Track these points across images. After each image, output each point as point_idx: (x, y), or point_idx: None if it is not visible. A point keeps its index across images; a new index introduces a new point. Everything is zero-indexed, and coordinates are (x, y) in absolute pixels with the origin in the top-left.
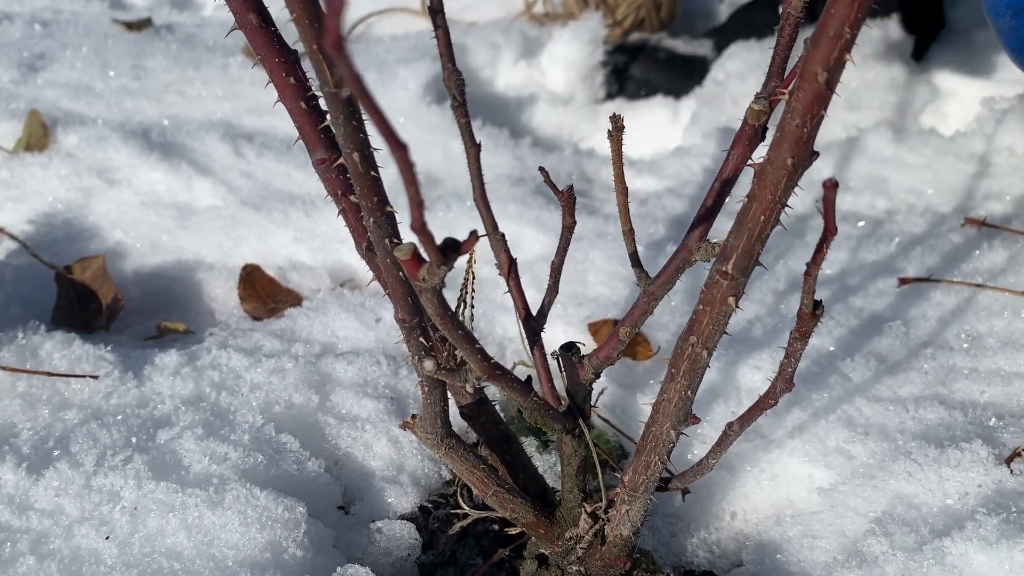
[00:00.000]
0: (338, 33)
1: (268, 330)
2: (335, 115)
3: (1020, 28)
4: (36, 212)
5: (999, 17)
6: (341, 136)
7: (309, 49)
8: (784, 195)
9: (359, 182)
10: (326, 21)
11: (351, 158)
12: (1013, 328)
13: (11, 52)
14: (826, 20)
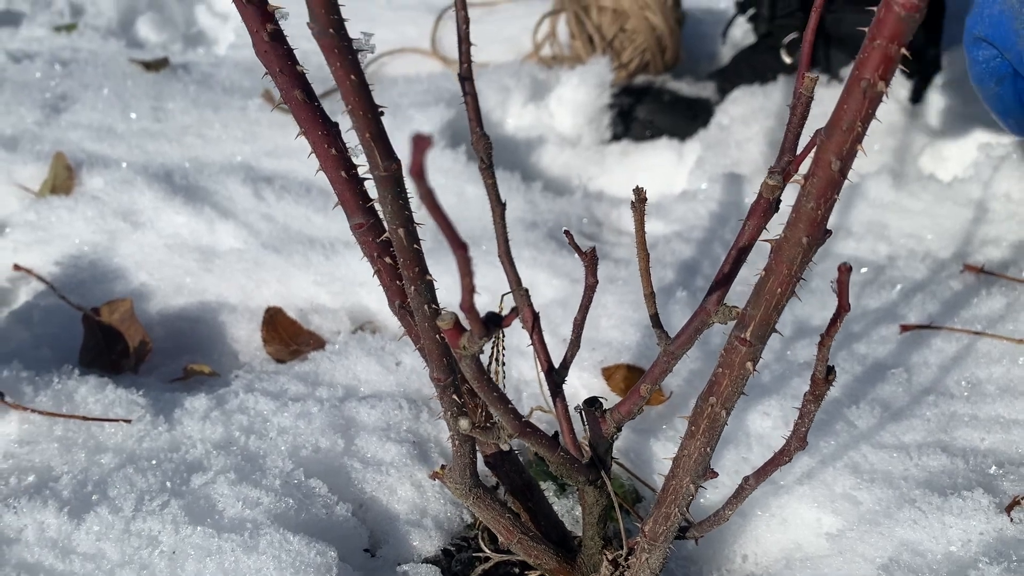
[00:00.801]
0: (421, 163)
1: (292, 373)
2: (383, 195)
3: (1004, 94)
4: (63, 254)
5: (984, 84)
6: (388, 213)
7: (361, 137)
8: (800, 270)
9: (402, 254)
10: (412, 154)
11: (396, 233)
12: (1011, 375)
13: (34, 93)
14: (839, 114)
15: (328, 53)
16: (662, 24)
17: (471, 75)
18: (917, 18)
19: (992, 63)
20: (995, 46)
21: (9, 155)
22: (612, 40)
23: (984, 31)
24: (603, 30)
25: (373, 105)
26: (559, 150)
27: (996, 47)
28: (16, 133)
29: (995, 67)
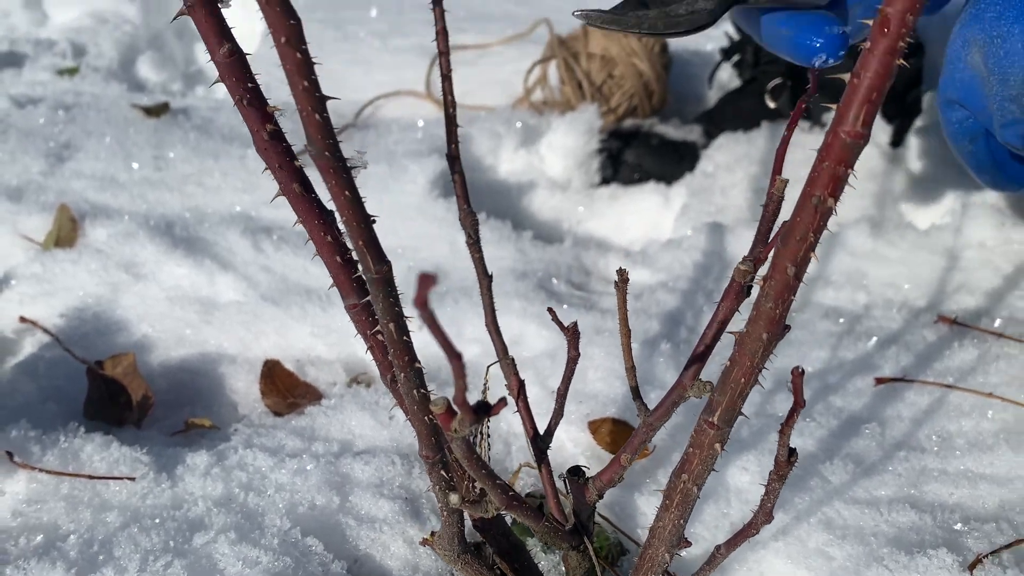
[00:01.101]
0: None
1: (289, 428)
2: (375, 293)
3: (978, 152)
4: (67, 306)
5: (958, 143)
6: (379, 309)
7: (355, 244)
8: (761, 362)
9: (393, 345)
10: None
11: (387, 327)
12: (980, 429)
13: (38, 141)
14: (794, 226)
15: (325, 172)
16: (649, 70)
17: (458, 155)
18: (862, 144)
19: (965, 123)
20: (967, 108)
21: (14, 206)
22: (601, 86)
23: (955, 94)
24: (592, 76)
25: (366, 216)
26: (550, 194)
27: (968, 109)
28: (21, 183)
29: (968, 127)
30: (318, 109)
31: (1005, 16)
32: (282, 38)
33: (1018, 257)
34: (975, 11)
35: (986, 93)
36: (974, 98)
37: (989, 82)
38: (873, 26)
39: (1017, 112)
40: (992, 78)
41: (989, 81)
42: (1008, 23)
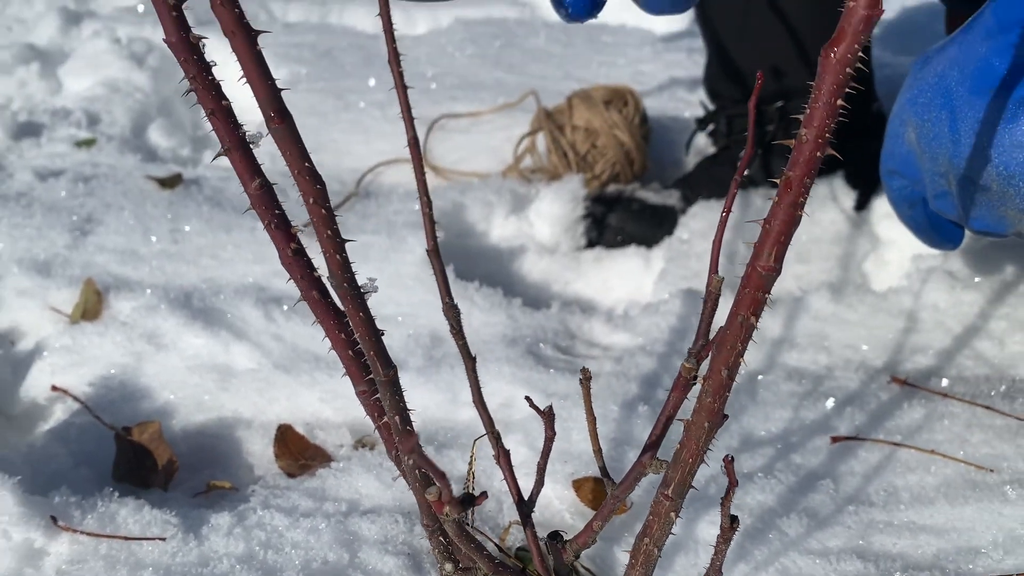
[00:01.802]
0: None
1: (302, 489)
2: (383, 392)
3: (917, 216)
4: (95, 375)
5: (900, 208)
6: (387, 405)
7: (367, 352)
8: (705, 444)
9: (398, 433)
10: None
11: (393, 420)
12: (923, 483)
13: (62, 215)
14: (724, 337)
15: (343, 299)
16: (629, 141)
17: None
18: (775, 275)
19: (904, 191)
20: (905, 177)
21: (44, 280)
22: (585, 155)
23: (895, 166)
24: (576, 147)
25: (376, 331)
26: (538, 258)
27: (906, 178)
28: (48, 257)
29: (907, 194)
30: (339, 250)
31: (934, 104)
32: (310, 199)
33: (967, 319)
34: (911, 96)
35: (920, 167)
36: (911, 170)
37: (922, 158)
38: (780, 184)
39: (945, 185)
40: (924, 155)
41: (922, 158)
42: (936, 110)
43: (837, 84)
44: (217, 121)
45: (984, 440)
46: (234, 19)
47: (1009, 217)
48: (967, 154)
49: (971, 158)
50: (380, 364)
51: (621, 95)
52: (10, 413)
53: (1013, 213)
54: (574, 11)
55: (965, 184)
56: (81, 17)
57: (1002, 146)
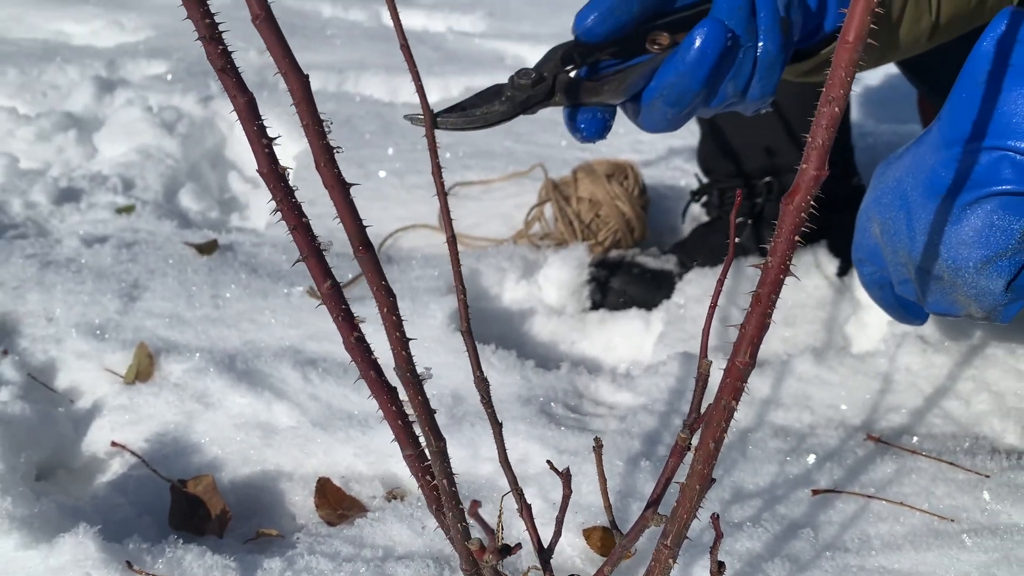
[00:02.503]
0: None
1: (342, 536)
2: (435, 461)
3: (887, 297)
4: (151, 432)
5: (870, 289)
6: (437, 471)
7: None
8: (697, 503)
9: (444, 495)
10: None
11: (442, 483)
12: (893, 531)
13: (111, 281)
14: (711, 417)
15: (406, 386)
16: (630, 211)
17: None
18: (750, 369)
19: (874, 275)
20: (873, 264)
21: (99, 344)
22: (589, 223)
23: (864, 255)
24: (581, 216)
25: (431, 410)
26: (547, 319)
27: (874, 265)
28: (102, 322)
29: (876, 278)
30: (403, 347)
31: (893, 204)
32: (384, 308)
33: (937, 380)
34: (875, 196)
35: (885, 257)
36: (877, 259)
37: (885, 250)
38: (752, 299)
39: (906, 273)
40: (887, 248)
41: (885, 249)
42: (895, 210)
43: (794, 225)
44: (298, 235)
45: (947, 493)
46: (333, 176)
47: (960, 302)
48: (922, 249)
49: (925, 252)
50: (433, 437)
51: (622, 168)
52: (71, 466)
53: (963, 298)
54: (587, 134)
55: (922, 274)
56: (114, 85)
57: (950, 243)
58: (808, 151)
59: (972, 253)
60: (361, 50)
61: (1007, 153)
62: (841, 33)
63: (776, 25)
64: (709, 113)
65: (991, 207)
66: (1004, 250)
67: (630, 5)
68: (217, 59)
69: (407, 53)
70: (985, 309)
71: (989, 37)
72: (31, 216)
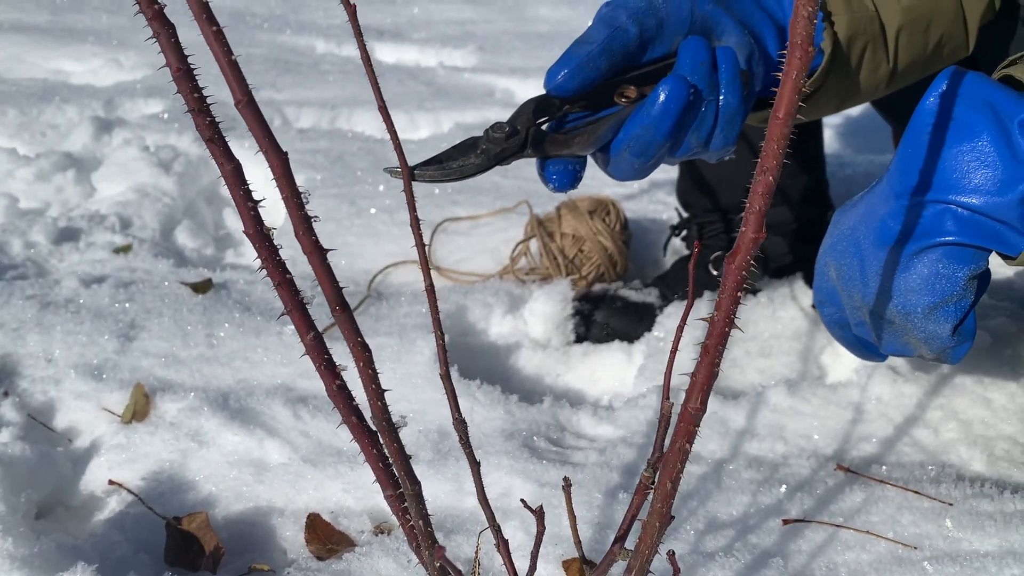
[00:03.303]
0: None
1: (331, 571)
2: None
3: (847, 336)
4: (147, 470)
5: (832, 329)
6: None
7: (399, 473)
8: (657, 539)
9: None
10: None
11: (418, 523)
12: (859, 560)
13: (109, 321)
14: (668, 459)
15: (382, 433)
16: (612, 246)
17: (450, 376)
18: (702, 414)
19: (834, 316)
20: (833, 306)
21: (97, 384)
22: (573, 259)
23: (824, 297)
24: (565, 251)
25: (406, 456)
26: (532, 353)
27: (834, 307)
28: (100, 362)
29: (836, 319)
30: (379, 398)
31: (848, 251)
32: (360, 363)
33: (907, 410)
34: (832, 242)
35: (841, 300)
36: (836, 301)
37: (842, 294)
38: (701, 350)
39: (861, 316)
40: (843, 292)
41: (842, 293)
42: (849, 257)
43: (736, 283)
44: (283, 291)
45: (912, 521)
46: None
47: (912, 344)
48: (874, 294)
49: (878, 298)
50: (408, 481)
51: (604, 205)
52: (70, 504)
53: (914, 341)
54: (558, 185)
55: (875, 318)
56: (112, 125)
57: (899, 290)
58: (747, 216)
59: (920, 299)
60: (354, 86)
61: (949, 206)
62: (773, 110)
63: (736, 79)
64: (674, 162)
65: (936, 256)
66: (949, 296)
67: (598, 62)
68: (205, 130)
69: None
70: (935, 351)
71: (932, 94)
72: (30, 256)
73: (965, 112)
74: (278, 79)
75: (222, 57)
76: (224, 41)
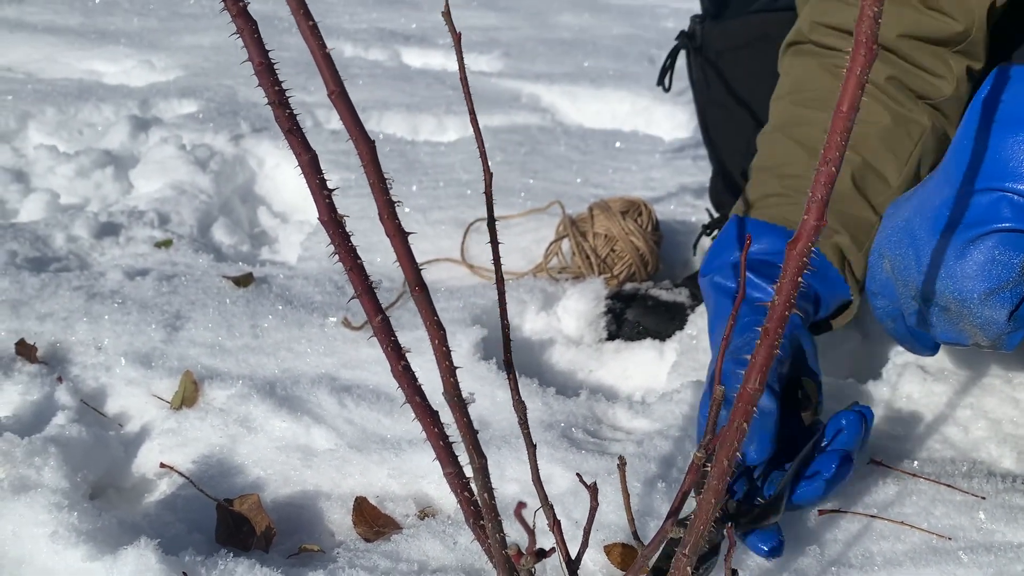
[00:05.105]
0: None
1: (379, 551)
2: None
3: (899, 328)
4: (197, 454)
5: (884, 322)
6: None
7: (467, 448)
8: (712, 515)
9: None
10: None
11: (483, 495)
12: (895, 549)
13: (155, 312)
14: (726, 437)
15: (453, 409)
16: (644, 246)
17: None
18: (760, 394)
19: (887, 309)
20: (886, 298)
21: (147, 371)
22: (605, 258)
23: (877, 289)
24: (598, 251)
25: (474, 431)
26: (566, 349)
27: (887, 299)
28: (148, 351)
29: (889, 312)
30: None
31: (903, 242)
32: (435, 341)
33: (937, 408)
34: (885, 235)
35: (896, 291)
36: (889, 292)
37: (896, 284)
38: (761, 333)
39: (916, 306)
40: (898, 282)
41: (896, 284)
42: (904, 247)
43: (797, 268)
44: (354, 275)
45: (945, 513)
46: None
47: (967, 331)
48: (930, 282)
49: (933, 286)
50: (476, 455)
51: (636, 206)
52: (121, 486)
53: (969, 328)
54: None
55: (930, 306)
56: (148, 124)
57: (955, 277)
58: (809, 204)
59: (976, 286)
60: (383, 89)
61: (1005, 194)
62: (836, 104)
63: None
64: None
65: (992, 243)
66: (1006, 282)
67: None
68: (284, 122)
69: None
70: (990, 338)
71: (985, 88)
72: (73, 250)
73: (1018, 103)
74: (308, 82)
75: (317, 51)
76: (319, 35)
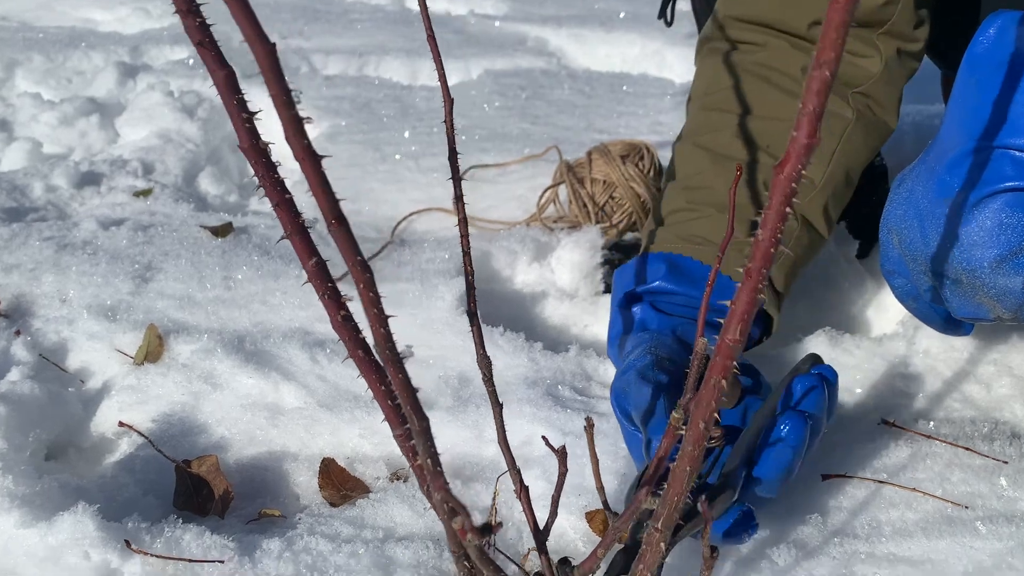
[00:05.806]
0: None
1: (343, 517)
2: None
3: (921, 308)
4: (158, 412)
5: (904, 301)
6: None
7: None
8: (686, 491)
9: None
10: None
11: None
12: (905, 518)
13: (125, 263)
14: (702, 397)
15: (386, 364)
16: (645, 193)
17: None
18: (740, 347)
19: (905, 287)
20: (903, 276)
21: (111, 325)
22: (603, 206)
23: (891, 267)
24: (596, 198)
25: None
26: (559, 302)
27: (904, 277)
28: (114, 303)
29: (908, 290)
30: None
31: (908, 214)
32: (360, 284)
33: (957, 364)
34: (891, 209)
35: (912, 268)
36: (904, 271)
37: (907, 260)
38: (743, 275)
39: (929, 282)
40: (907, 258)
41: (906, 260)
42: (909, 219)
43: (785, 195)
44: (282, 212)
45: (962, 479)
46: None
47: (985, 304)
48: (937, 254)
49: (941, 257)
50: (416, 417)
51: (637, 149)
52: (81, 446)
53: (986, 300)
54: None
55: (942, 279)
56: (137, 71)
57: (962, 245)
58: (800, 117)
59: (985, 253)
60: (383, 34)
61: (1007, 151)
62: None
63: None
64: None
65: (998, 205)
66: (1017, 247)
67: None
68: (195, 33)
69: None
70: (1010, 309)
71: (979, 41)
72: (51, 200)
73: (1015, 54)
74: (306, 27)
75: None
76: None
